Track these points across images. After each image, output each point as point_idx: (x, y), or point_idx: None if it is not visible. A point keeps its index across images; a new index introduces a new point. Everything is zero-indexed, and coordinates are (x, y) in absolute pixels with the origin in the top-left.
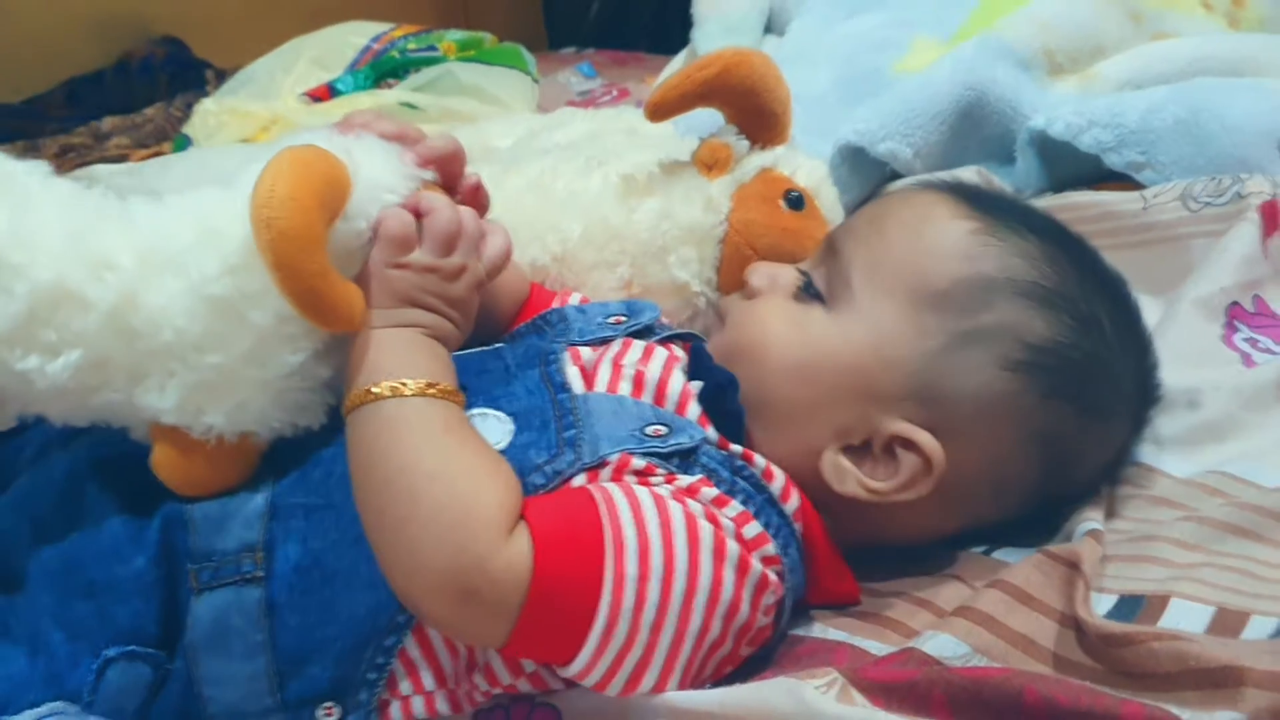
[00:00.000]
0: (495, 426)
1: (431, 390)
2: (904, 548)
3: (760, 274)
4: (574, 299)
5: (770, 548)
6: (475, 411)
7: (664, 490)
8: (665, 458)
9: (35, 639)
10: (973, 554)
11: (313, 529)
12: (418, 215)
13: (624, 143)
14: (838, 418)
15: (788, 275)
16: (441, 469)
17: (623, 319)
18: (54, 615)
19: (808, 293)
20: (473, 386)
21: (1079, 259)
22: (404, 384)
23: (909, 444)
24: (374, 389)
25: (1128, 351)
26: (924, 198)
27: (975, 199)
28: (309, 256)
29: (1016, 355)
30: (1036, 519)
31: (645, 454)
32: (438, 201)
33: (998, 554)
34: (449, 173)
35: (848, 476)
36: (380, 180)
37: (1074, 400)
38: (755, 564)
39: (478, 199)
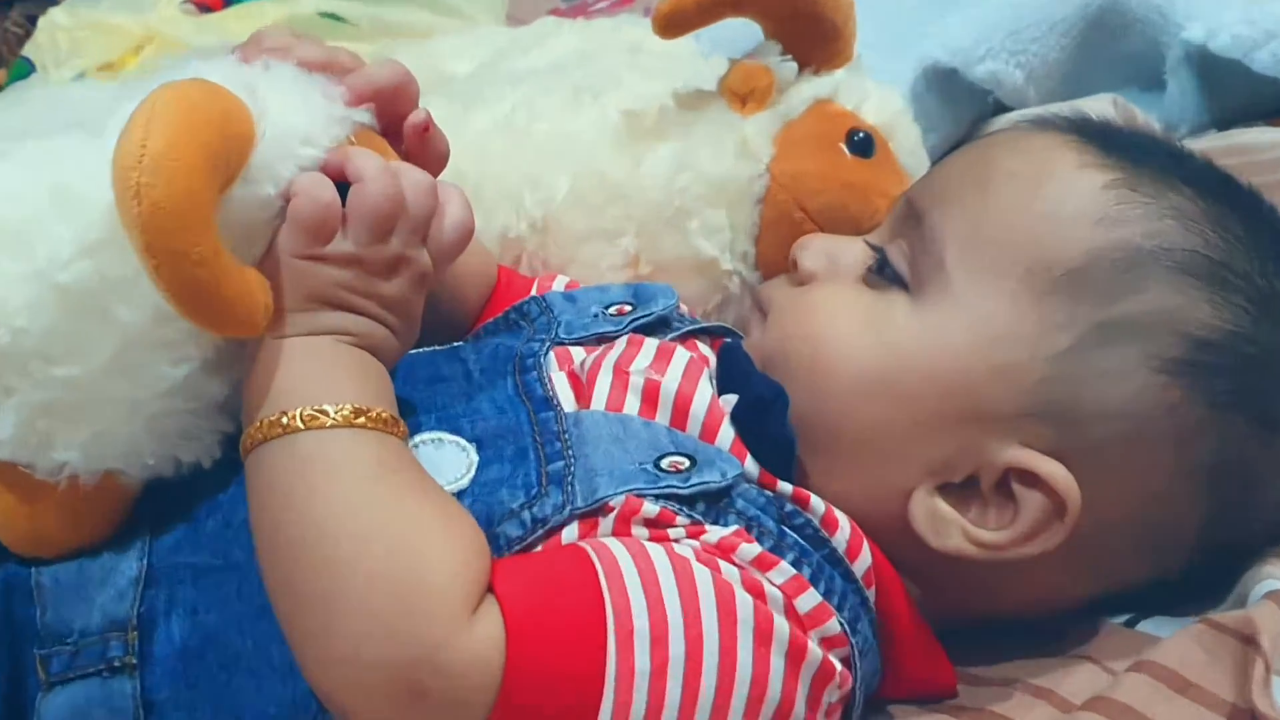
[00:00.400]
0: (453, 457)
1: (361, 419)
2: (1017, 620)
3: (814, 251)
4: (559, 284)
5: (833, 624)
6: (426, 436)
7: (687, 548)
8: (688, 501)
9: None
10: (1110, 625)
11: (205, 598)
12: (343, 180)
13: (626, 66)
14: (932, 447)
15: (853, 252)
16: (375, 527)
17: (627, 309)
18: None
19: (883, 275)
20: (423, 401)
21: (1253, 220)
22: (323, 411)
23: (1031, 479)
24: (283, 419)
25: None
26: (1039, 141)
27: (1109, 140)
28: (194, 236)
29: (1174, 352)
30: (1198, 576)
31: (660, 496)
32: (369, 165)
33: (1144, 625)
34: (393, 113)
35: (949, 526)
36: (296, 128)
37: (1252, 411)
38: (813, 648)
39: (427, 148)
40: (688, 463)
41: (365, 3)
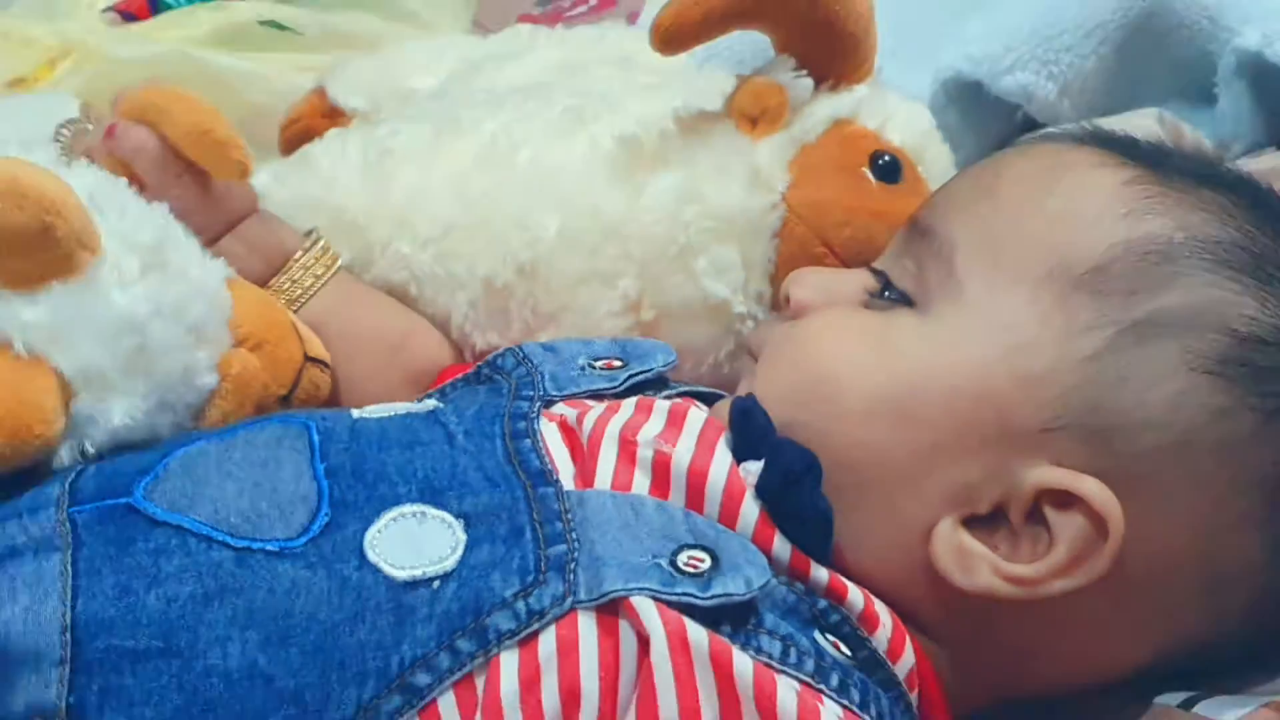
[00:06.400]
0: (437, 534)
1: None
2: (1055, 700)
3: (806, 283)
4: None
5: None
6: (407, 509)
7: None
8: (708, 616)
9: None
10: (1163, 709)
11: (144, 690)
12: None
13: (617, 82)
14: (953, 473)
15: (852, 280)
16: None
17: (617, 364)
18: None
19: (885, 297)
20: (400, 469)
21: None
22: None
23: (1065, 500)
24: None
25: None
26: (1050, 146)
27: (1130, 146)
28: None
29: (1218, 350)
30: (1267, 639)
31: (675, 605)
32: None
33: (1203, 707)
34: None
35: (977, 562)
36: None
37: None
38: None
39: None
40: (708, 560)
41: (311, 8)
